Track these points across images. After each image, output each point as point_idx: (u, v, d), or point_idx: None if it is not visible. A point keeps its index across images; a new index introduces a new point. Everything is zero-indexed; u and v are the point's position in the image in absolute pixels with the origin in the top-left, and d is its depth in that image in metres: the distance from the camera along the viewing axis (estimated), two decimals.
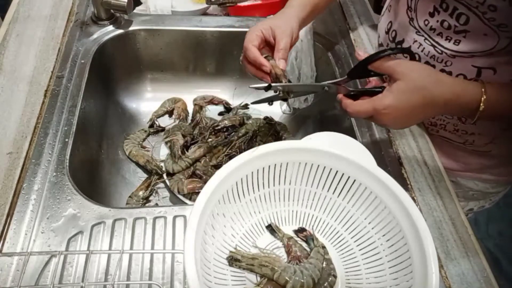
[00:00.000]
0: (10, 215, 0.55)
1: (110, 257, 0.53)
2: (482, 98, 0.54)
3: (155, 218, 0.57)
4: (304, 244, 0.58)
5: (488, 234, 1.78)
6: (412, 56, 0.62)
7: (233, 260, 0.52)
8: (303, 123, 0.96)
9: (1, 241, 0.53)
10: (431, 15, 0.65)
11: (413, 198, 0.64)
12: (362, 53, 0.60)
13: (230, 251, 0.53)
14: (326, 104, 0.91)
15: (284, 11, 0.68)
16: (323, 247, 0.57)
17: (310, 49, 0.86)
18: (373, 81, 0.63)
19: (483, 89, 0.54)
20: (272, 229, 0.59)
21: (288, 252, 0.57)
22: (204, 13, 0.98)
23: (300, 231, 0.59)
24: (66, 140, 0.65)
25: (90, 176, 0.73)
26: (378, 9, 1.01)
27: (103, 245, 0.54)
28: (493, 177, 0.82)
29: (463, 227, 0.62)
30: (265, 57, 0.61)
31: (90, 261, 0.51)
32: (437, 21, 0.64)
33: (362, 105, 0.56)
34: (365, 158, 0.53)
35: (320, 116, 0.94)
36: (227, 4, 0.96)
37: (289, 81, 0.61)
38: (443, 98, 0.54)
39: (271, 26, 0.63)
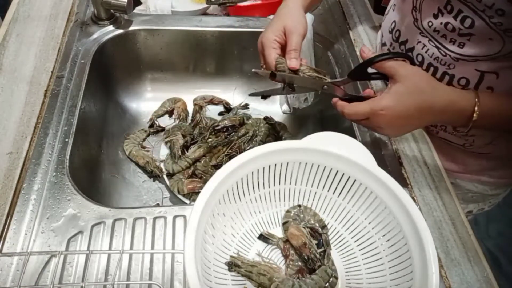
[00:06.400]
0: (10, 215, 0.55)
1: (110, 257, 0.53)
2: (476, 107, 0.55)
3: (155, 218, 0.57)
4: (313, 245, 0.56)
5: (488, 234, 1.77)
6: (412, 62, 0.61)
7: (232, 265, 0.52)
8: (303, 123, 0.96)
9: (1, 241, 0.53)
10: (435, 16, 0.64)
11: (413, 198, 0.64)
12: (366, 51, 0.60)
13: (231, 256, 0.53)
14: (326, 104, 0.91)
15: (287, 4, 0.68)
16: (333, 269, 0.55)
17: (310, 49, 0.86)
18: (368, 91, 0.64)
19: (476, 99, 0.56)
20: (264, 238, 0.58)
21: (286, 256, 0.56)
22: (204, 13, 0.99)
23: (316, 230, 0.58)
24: (66, 140, 0.65)
25: (90, 176, 0.73)
26: (378, 9, 1.01)
27: (103, 245, 0.54)
28: (492, 179, 0.82)
29: (463, 227, 0.62)
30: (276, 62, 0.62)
31: (90, 261, 0.51)
32: (441, 23, 0.63)
33: (359, 106, 0.57)
34: (365, 158, 0.53)
35: (320, 116, 0.94)
36: (227, 4, 0.96)
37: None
38: (440, 104, 0.55)
39: (281, 29, 0.64)
